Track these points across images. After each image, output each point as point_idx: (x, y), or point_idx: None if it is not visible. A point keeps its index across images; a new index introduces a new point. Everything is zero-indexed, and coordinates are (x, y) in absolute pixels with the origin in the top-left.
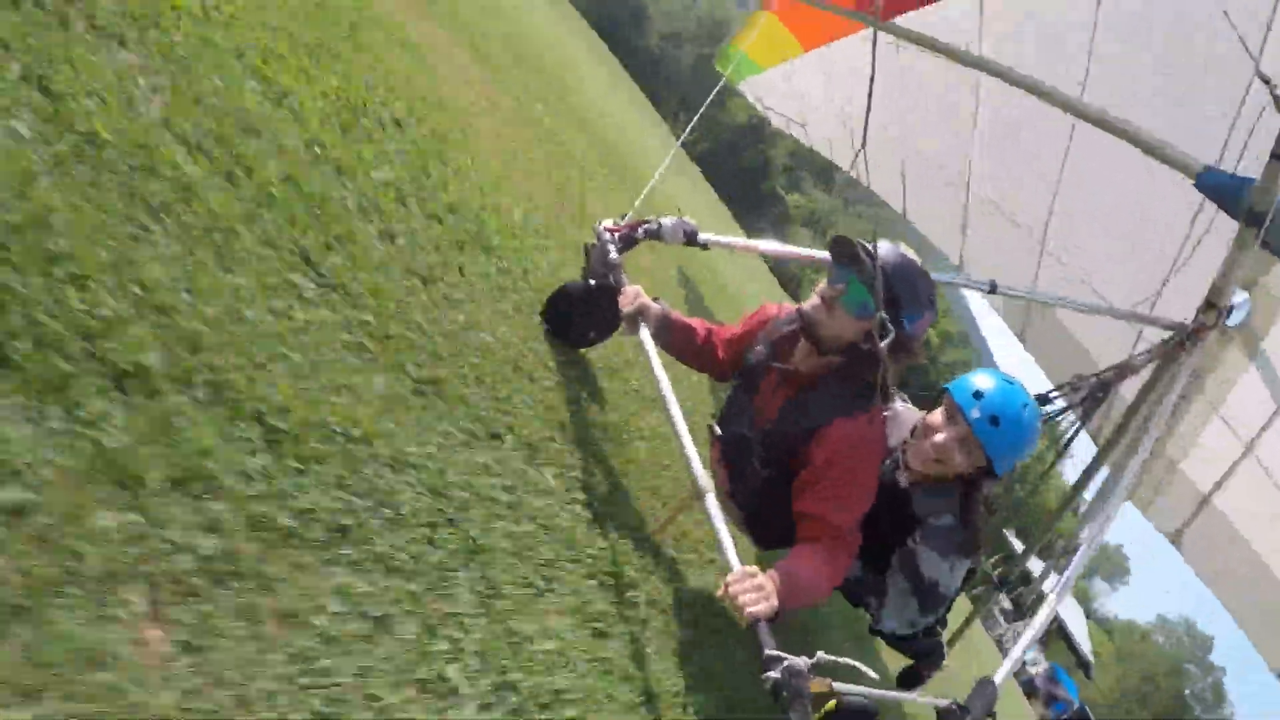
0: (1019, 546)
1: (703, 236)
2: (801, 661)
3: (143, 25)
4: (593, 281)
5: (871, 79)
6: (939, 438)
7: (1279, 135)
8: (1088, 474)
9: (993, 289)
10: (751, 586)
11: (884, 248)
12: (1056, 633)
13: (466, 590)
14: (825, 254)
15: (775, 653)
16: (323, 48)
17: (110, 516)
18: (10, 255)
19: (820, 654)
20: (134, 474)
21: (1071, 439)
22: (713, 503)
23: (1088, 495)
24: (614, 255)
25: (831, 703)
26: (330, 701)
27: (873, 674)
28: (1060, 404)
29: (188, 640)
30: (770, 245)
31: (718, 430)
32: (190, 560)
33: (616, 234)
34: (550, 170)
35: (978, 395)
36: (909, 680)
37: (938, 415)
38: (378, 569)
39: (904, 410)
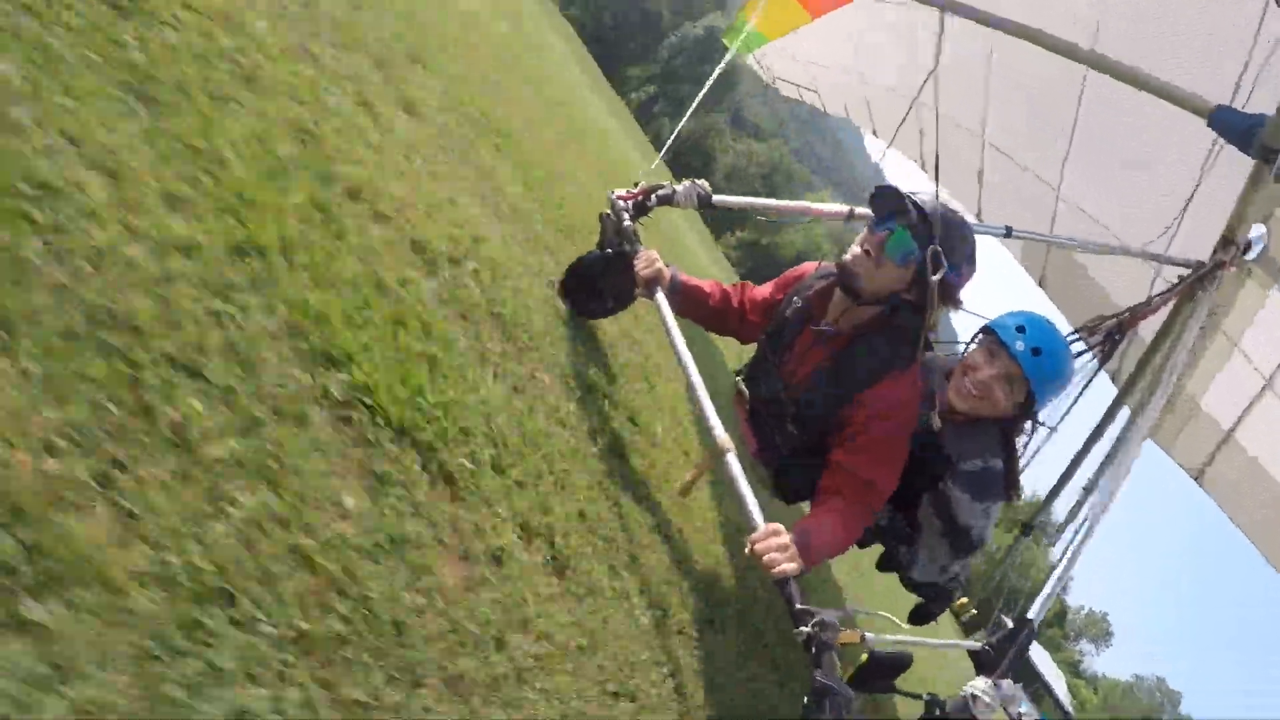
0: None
1: (718, 198)
2: (831, 614)
3: None
4: (609, 250)
5: (939, 38)
6: (981, 374)
7: None
8: (1108, 415)
9: (1008, 233)
10: (777, 545)
11: (928, 199)
12: (1042, 687)
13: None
14: (843, 208)
15: (805, 607)
16: None
17: None
18: None
19: (850, 607)
20: None
21: (1090, 379)
22: (734, 462)
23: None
24: (627, 222)
25: (864, 655)
26: None
27: (903, 624)
28: (1079, 347)
29: None
30: (787, 204)
31: (745, 390)
32: None
33: (629, 201)
34: None
35: (1020, 329)
36: (919, 617)
37: (977, 354)
38: None
39: (935, 356)
